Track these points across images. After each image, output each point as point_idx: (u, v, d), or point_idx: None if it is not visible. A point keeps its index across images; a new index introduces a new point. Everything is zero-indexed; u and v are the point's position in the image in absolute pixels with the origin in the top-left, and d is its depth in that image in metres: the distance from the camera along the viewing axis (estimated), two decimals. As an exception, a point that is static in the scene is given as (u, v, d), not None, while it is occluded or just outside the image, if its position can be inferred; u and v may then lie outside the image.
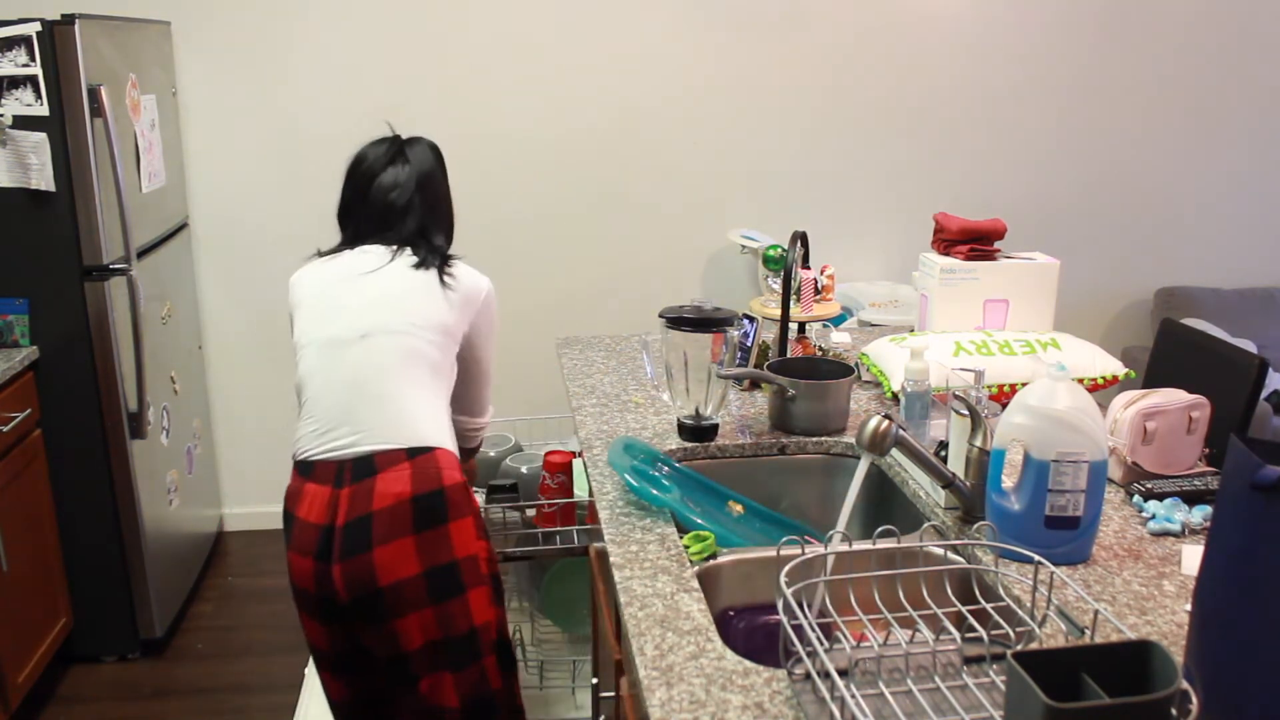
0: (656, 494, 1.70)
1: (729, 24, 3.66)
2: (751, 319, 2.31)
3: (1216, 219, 4.07)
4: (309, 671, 2.83)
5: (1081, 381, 2.22)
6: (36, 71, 2.61)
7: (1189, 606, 1.36)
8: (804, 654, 1.16)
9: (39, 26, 2.59)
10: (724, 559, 1.61)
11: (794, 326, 2.63)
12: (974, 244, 2.47)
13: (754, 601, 1.63)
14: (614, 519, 1.70)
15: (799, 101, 3.76)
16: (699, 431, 2.02)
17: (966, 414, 1.65)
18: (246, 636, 3.18)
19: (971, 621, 1.22)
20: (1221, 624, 1.06)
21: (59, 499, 2.88)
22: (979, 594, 1.34)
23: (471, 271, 1.95)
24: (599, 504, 1.77)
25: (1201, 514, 1.65)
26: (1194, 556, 1.53)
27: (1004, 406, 1.61)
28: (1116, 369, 2.30)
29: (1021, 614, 1.30)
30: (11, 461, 2.63)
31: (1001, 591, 1.47)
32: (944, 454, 1.77)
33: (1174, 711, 0.95)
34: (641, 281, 3.83)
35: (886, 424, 1.53)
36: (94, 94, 2.66)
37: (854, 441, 2.01)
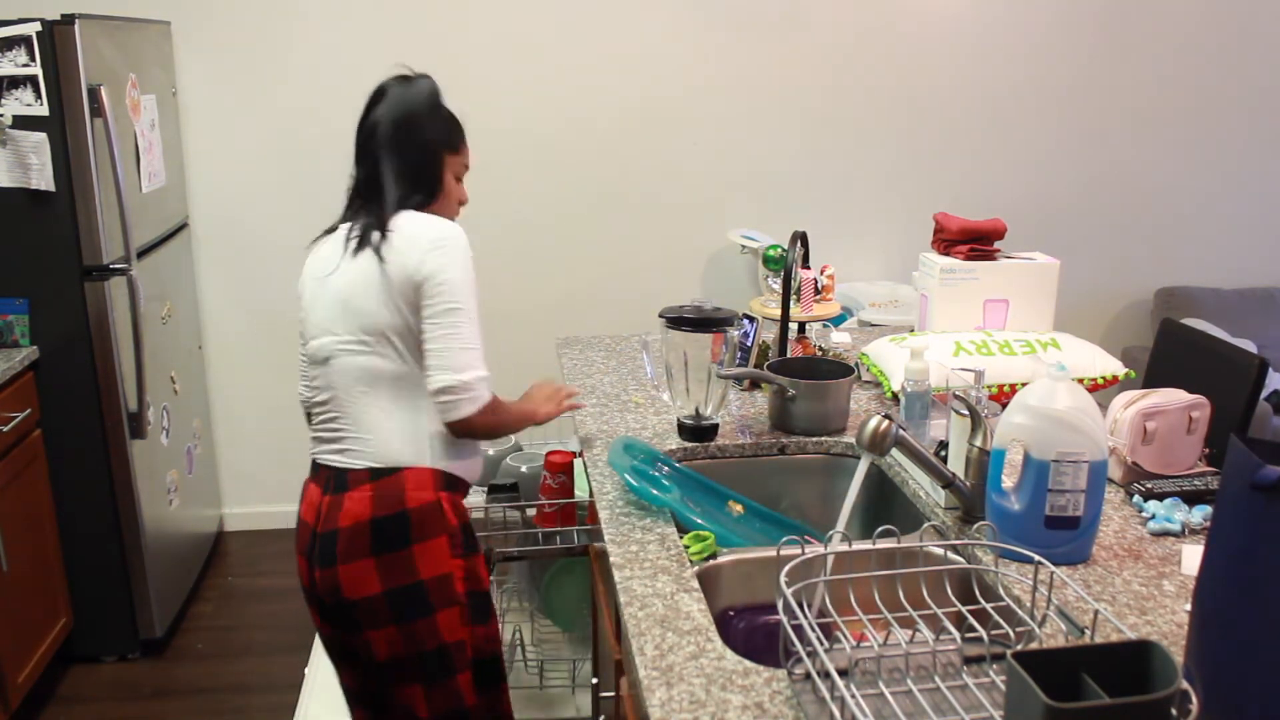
0: (656, 494, 1.71)
1: (729, 24, 3.66)
2: (751, 319, 2.31)
3: (1216, 219, 4.07)
4: (309, 671, 2.83)
5: (1081, 381, 2.22)
6: (36, 71, 2.61)
7: (1189, 606, 1.36)
8: (804, 654, 1.16)
9: (39, 26, 2.59)
10: (724, 559, 1.61)
11: (794, 326, 2.63)
12: (974, 244, 2.47)
13: (754, 601, 1.63)
14: (614, 519, 1.70)
15: (799, 101, 3.76)
16: (699, 431, 2.02)
17: (966, 414, 1.65)
18: (246, 636, 3.18)
19: (971, 621, 1.22)
20: (1221, 624, 1.06)
21: (59, 499, 2.88)
22: (979, 594, 1.34)
23: (416, 222, 1.71)
24: (599, 504, 1.77)
25: (1201, 514, 1.65)
26: (1194, 556, 1.53)
27: (1004, 406, 1.61)
28: (1116, 369, 2.30)
29: (1021, 614, 1.30)
30: (11, 461, 2.63)
31: (1001, 591, 1.47)
32: (944, 454, 1.77)
33: (1174, 711, 0.95)
34: (641, 281, 3.83)
35: (886, 424, 1.53)
36: (94, 94, 2.66)
37: (854, 441, 2.01)
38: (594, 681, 2.01)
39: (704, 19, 3.64)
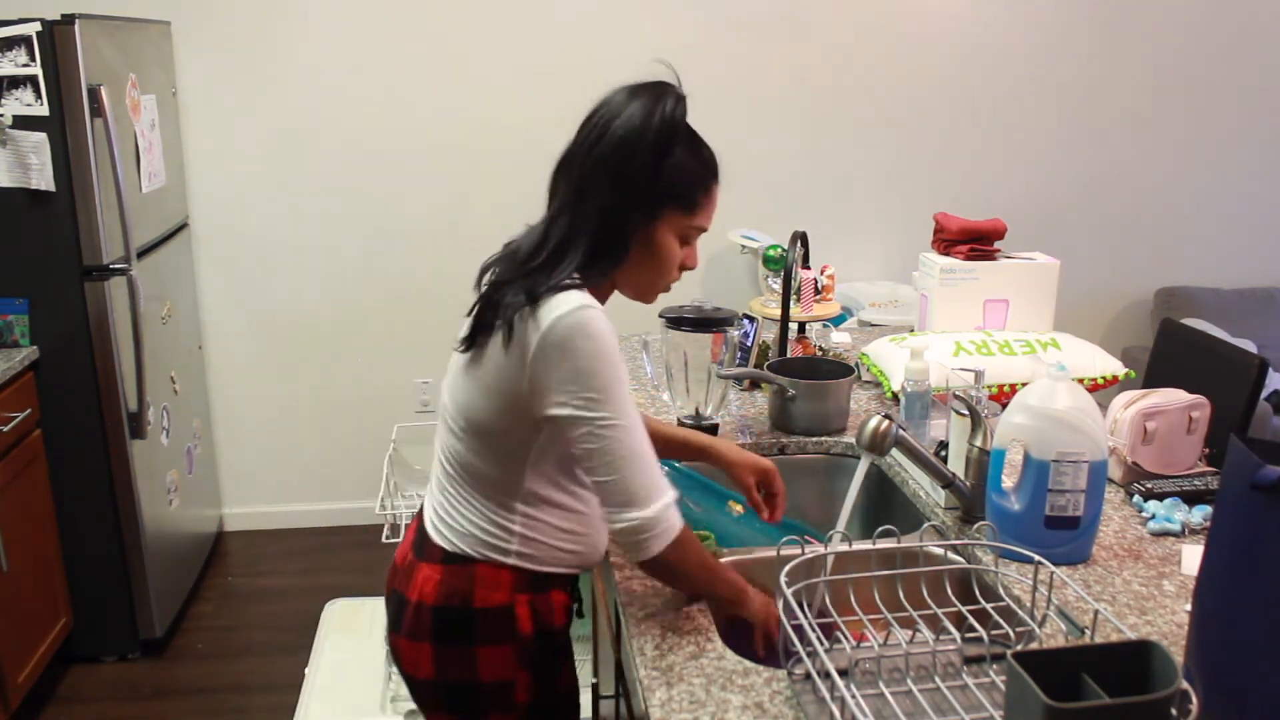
0: (656, 494, 1.70)
1: (729, 24, 3.66)
2: (751, 319, 2.31)
3: (1216, 219, 4.07)
4: (309, 671, 2.84)
5: (1081, 381, 2.22)
6: (36, 71, 2.61)
7: (1189, 606, 1.36)
8: (804, 654, 1.16)
9: (39, 26, 2.59)
10: (724, 559, 1.61)
11: (794, 326, 2.63)
12: (974, 244, 2.47)
13: (754, 601, 1.63)
14: (614, 519, 1.70)
15: (799, 101, 3.76)
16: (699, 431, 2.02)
17: (966, 414, 1.65)
18: (246, 636, 3.18)
19: (971, 621, 1.22)
20: (1221, 624, 1.06)
21: (59, 499, 2.88)
22: (979, 594, 1.34)
23: (554, 304, 1.35)
24: (599, 504, 1.77)
25: (1201, 514, 1.65)
26: (1194, 556, 1.53)
27: (1004, 406, 1.61)
28: (1116, 369, 2.30)
29: (1021, 614, 1.30)
30: (11, 461, 2.63)
31: (1001, 591, 1.47)
32: (944, 454, 1.77)
33: (1174, 711, 0.95)
34: (641, 281, 3.82)
35: (886, 424, 1.53)
36: (94, 94, 2.65)
37: (854, 441, 2.00)
38: (594, 681, 2.01)
39: (704, 19, 3.64)
